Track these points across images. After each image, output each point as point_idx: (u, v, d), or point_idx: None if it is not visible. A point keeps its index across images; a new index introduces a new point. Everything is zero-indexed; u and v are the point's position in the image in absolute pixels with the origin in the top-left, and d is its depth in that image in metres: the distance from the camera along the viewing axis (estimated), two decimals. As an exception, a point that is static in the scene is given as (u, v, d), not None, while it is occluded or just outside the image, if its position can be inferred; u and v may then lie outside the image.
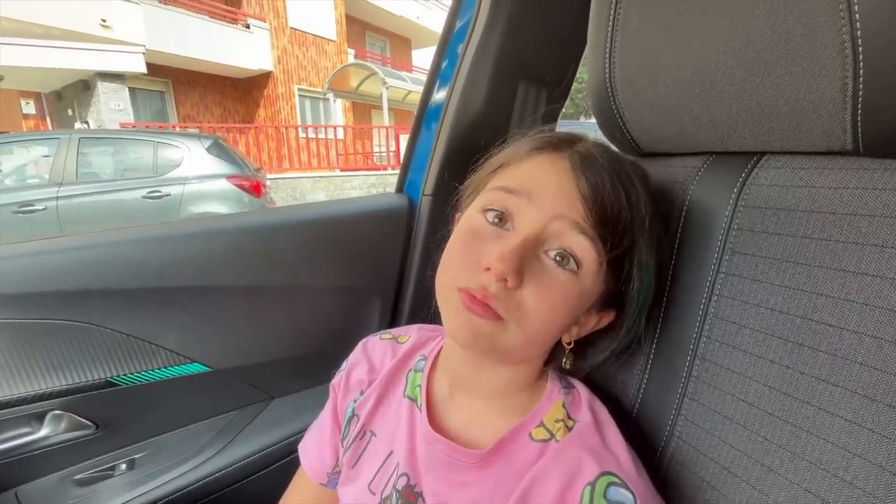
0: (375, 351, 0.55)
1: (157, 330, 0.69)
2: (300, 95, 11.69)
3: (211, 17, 9.97)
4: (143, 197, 3.96)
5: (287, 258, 0.76)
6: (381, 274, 0.84)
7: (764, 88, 0.36)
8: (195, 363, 0.71)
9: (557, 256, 0.37)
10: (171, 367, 0.70)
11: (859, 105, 0.32)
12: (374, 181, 9.00)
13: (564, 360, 0.44)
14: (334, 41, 12.22)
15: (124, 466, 0.70)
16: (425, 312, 0.82)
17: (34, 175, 3.98)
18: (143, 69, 8.15)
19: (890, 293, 0.31)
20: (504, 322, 0.37)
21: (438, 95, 0.81)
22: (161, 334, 0.69)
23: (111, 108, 7.92)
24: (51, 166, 3.86)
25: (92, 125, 7.80)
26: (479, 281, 0.37)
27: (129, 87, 8.38)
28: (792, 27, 0.33)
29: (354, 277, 0.82)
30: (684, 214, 0.44)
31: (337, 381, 0.55)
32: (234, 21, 10.50)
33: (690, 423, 0.42)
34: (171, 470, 0.69)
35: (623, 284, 0.40)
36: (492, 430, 0.42)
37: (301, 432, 0.60)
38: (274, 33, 10.87)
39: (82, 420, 0.67)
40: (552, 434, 0.40)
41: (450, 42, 0.80)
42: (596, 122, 0.52)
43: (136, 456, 0.71)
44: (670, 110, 0.43)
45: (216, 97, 11.26)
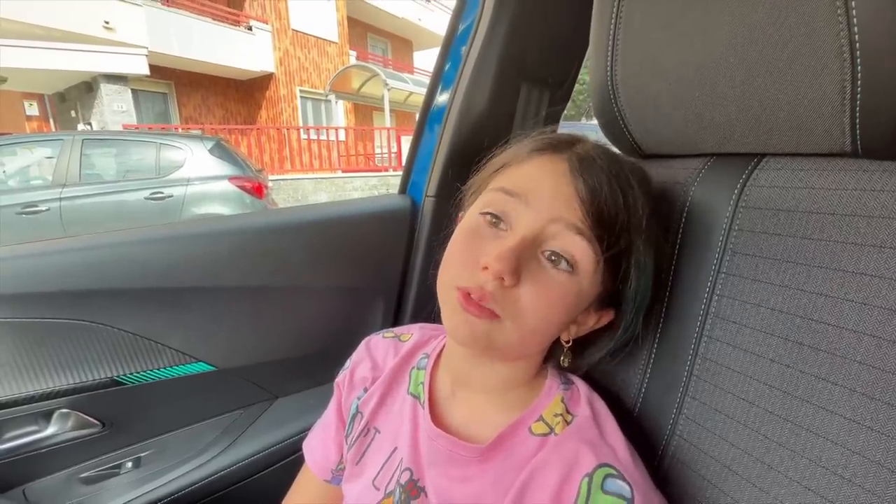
0: (378, 349, 0.55)
1: (163, 329, 0.70)
2: (302, 97, 11.72)
3: (213, 18, 10.01)
4: (145, 198, 3.98)
5: (291, 259, 0.77)
6: (384, 275, 0.84)
7: (765, 88, 0.37)
8: (200, 362, 0.72)
9: (553, 256, 0.38)
10: (177, 366, 0.71)
11: (858, 108, 0.32)
12: (376, 182, 9.01)
13: (563, 359, 0.44)
14: (336, 43, 12.26)
15: (130, 464, 0.70)
16: (428, 313, 0.82)
17: (38, 176, 4.01)
18: (146, 71, 8.19)
19: (888, 293, 0.31)
20: (500, 320, 0.37)
21: (441, 97, 0.82)
22: (166, 334, 0.70)
23: (114, 109, 7.95)
24: (54, 167, 3.88)
25: (95, 127, 7.83)
26: (476, 280, 0.37)
27: (132, 89, 8.41)
28: (793, 26, 0.34)
29: (357, 278, 0.83)
30: (685, 215, 0.45)
31: (341, 378, 0.55)
32: (237, 23, 10.54)
33: (691, 421, 0.42)
34: (177, 468, 0.69)
35: (620, 284, 0.41)
36: (492, 426, 0.42)
37: (304, 431, 0.60)
38: (276, 35, 10.90)
39: (89, 419, 0.68)
40: (551, 428, 0.40)
41: (453, 44, 0.80)
42: (597, 124, 0.53)
43: (142, 454, 0.72)
44: (672, 111, 0.44)
45: (218, 99, 11.30)
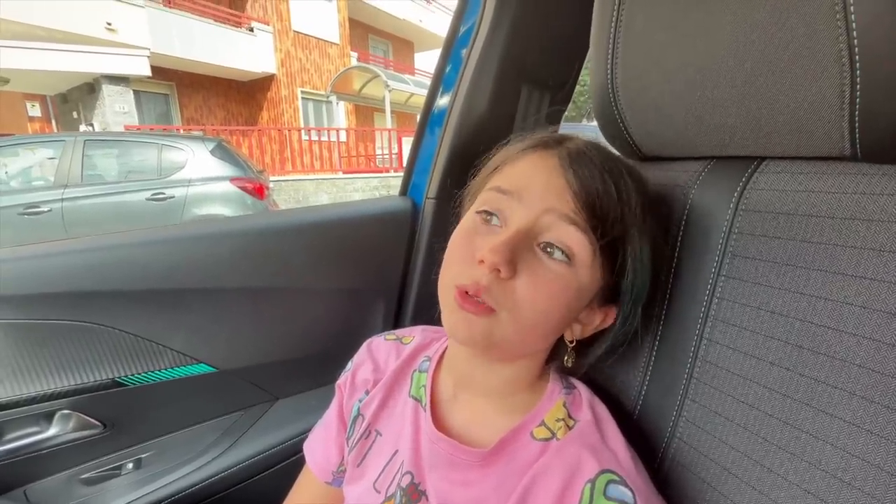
0: (380, 351, 0.55)
1: (164, 331, 0.70)
2: (303, 98, 11.74)
3: (215, 20, 10.03)
4: (147, 199, 3.99)
5: (292, 260, 0.77)
6: (385, 276, 0.84)
7: (766, 90, 0.37)
8: (201, 364, 0.72)
9: (548, 248, 0.38)
10: (178, 367, 0.71)
11: (857, 111, 0.33)
12: (377, 183, 9.01)
13: (566, 359, 0.44)
14: (337, 44, 12.27)
15: (131, 466, 0.70)
16: (428, 315, 0.82)
17: (39, 177, 4.01)
18: (148, 72, 8.20)
19: (887, 296, 0.31)
20: (496, 314, 0.37)
21: (442, 99, 0.82)
22: (168, 335, 0.70)
23: (116, 110, 7.96)
24: (56, 168, 3.89)
25: (97, 127, 7.86)
26: (473, 275, 0.38)
27: (134, 90, 8.44)
28: (795, 26, 0.34)
29: (358, 280, 0.83)
30: (685, 218, 0.45)
31: (342, 380, 0.55)
32: (238, 24, 10.56)
33: (691, 424, 0.42)
34: (177, 469, 0.69)
35: (618, 277, 0.41)
36: (494, 429, 0.42)
37: (305, 433, 0.60)
38: (277, 36, 10.92)
39: (90, 420, 0.68)
40: (553, 433, 0.40)
41: (454, 46, 0.80)
42: (598, 125, 0.53)
43: (143, 455, 0.72)
44: (672, 113, 0.44)
45: (220, 100, 11.32)
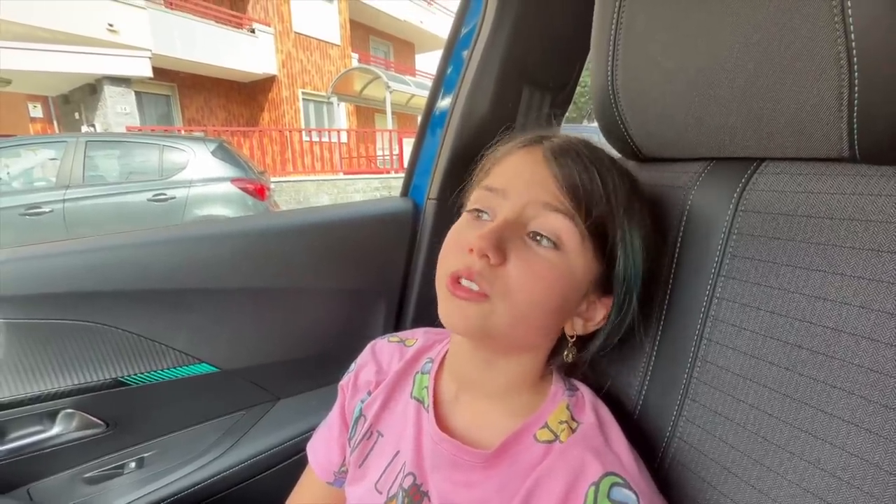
0: (383, 353, 0.56)
1: (166, 331, 0.70)
2: (304, 99, 11.76)
3: (216, 21, 10.05)
4: (148, 200, 4.00)
5: (293, 261, 0.77)
6: (386, 277, 0.85)
7: (767, 90, 0.37)
8: (203, 363, 0.72)
9: (536, 236, 0.39)
10: (180, 367, 0.71)
11: (855, 113, 0.33)
12: (378, 184, 9.02)
13: (567, 353, 0.44)
14: (338, 45, 12.29)
15: (133, 465, 0.71)
16: (430, 315, 0.82)
17: (41, 178, 4.03)
18: (150, 73, 8.23)
19: (886, 296, 0.31)
20: (490, 300, 0.38)
21: (443, 101, 0.82)
22: (170, 335, 0.70)
23: (117, 111, 7.98)
24: (58, 169, 3.90)
25: (98, 128, 7.88)
26: (465, 261, 0.39)
27: (136, 91, 8.46)
28: (796, 27, 0.34)
29: (359, 280, 0.83)
30: (685, 219, 0.45)
31: (345, 381, 0.56)
32: (240, 26, 10.58)
33: (691, 423, 0.42)
34: (179, 469, 0.70)
35: (608, 263, 0.41)
36: (497, 431, 0.42)
37: (306, 433, 0.61)
38: (278, 38, 10.94)
39: (93, 419, 0.68)
40: (556, 435, 0.40)
41: (455, 47, 0.81)
42: (598, 126, 0.53)
43: (145, 455, 0.72)
44: (673, 113, 0.44)
45: (221, 101, 11.34)
